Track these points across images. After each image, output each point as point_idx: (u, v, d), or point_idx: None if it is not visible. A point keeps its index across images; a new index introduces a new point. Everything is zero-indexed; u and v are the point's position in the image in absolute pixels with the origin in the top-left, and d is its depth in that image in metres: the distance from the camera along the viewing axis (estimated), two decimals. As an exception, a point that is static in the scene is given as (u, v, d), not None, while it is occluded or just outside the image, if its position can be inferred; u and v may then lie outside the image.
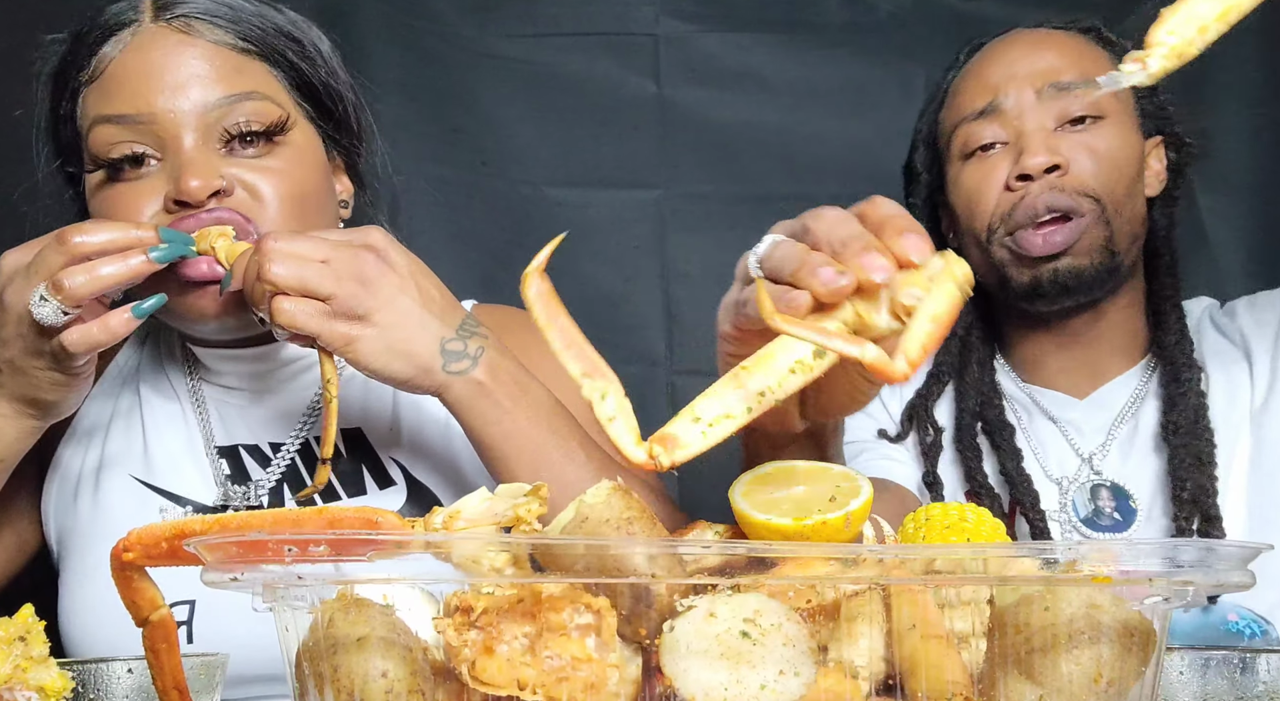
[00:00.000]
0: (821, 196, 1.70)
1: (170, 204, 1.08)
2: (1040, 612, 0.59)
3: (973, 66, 1.41)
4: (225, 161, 1.10)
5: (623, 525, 0.62)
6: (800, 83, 1.88)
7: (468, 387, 1.04)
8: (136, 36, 1.10)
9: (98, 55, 1.11)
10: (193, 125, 1.08)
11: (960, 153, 1.38)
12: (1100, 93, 0.84)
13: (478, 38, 1.86)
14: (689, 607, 0.57)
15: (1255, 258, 1.84)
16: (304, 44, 1.17)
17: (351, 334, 0.99)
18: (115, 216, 1.10)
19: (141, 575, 0.68)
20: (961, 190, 1.38)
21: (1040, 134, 1.32)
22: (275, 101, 1.12)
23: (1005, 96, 1.34)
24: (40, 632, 0.73)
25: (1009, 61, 1.37)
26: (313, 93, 1.17)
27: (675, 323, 1.82)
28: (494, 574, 0.60)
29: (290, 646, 0.62)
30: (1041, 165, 1.30)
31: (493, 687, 0.56)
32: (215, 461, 1.25)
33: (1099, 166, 1.32)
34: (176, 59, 1.09)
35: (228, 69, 1.10)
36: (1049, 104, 1.33)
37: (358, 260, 1.00)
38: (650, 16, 1.88)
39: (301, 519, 0.63)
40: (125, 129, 1.09)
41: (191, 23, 1.11)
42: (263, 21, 1.14)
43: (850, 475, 0.70)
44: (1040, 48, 1.38)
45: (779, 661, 0.56)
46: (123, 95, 1.09)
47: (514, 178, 1.84)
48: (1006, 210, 1.33)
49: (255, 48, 1.13)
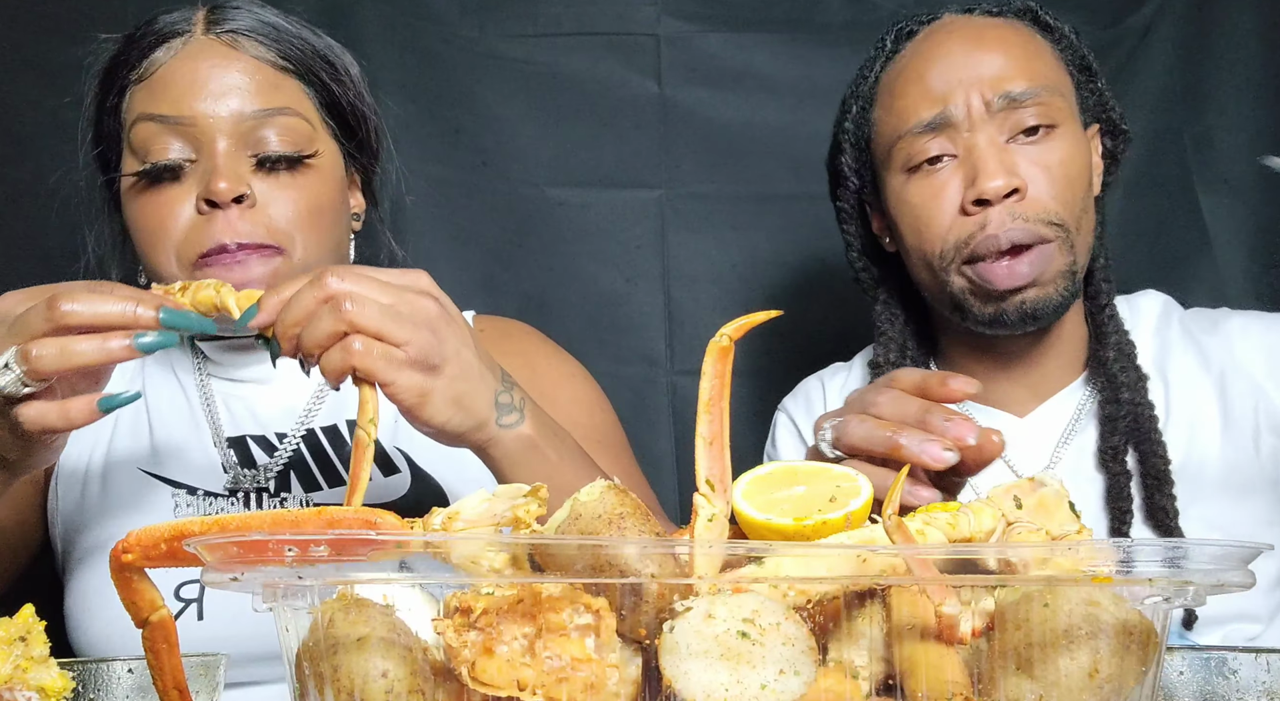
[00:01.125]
0: (823, 196, 1.71)
1: (202, 204, 1.15)
2: (1040, 610, 0.59)
3: (909, 64, 1.30)
4: (253, 173, 1.17)
5: (615, 520, 0.62)
6: (802, 82, 1.88)
7: (519, 442, 1.00)
8: (187, 46, 1.19)
9: (149, 58, 1.19)
10: (227, 131, 1.17)
11: (903, 165, 1.28)
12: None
13: (478, 38, 1.86)
14: (687, 608, 0.57)
15: (1256, 258, 1.83)
16: (336, 67, 1.26)
17: (426, 385, 0.92)
18: (149, 219, 1.17)
19: (141, 576, 0.68)
20: (907, 207, 1.29)
21: (994, 151, 1.23)
22: (305, 118, 1.21)
23: (954, 106, 1.24)
24: (40, 632, 0.74)
25: (952, 63, 1.26)
26: (339, 113, 1.26)
27: (676, 323, 1.82)
28: (493, 574, 0.60)
29: (290, 646, 0.62)
30: (1000, 190, 1.21)
31: (493, 688, 0.56)
32: (224, 451, 1.28)
33: (1057, 186, 1.23)
34: (221, 70, 1.18)
35: (266, 84, 1.19)
36: (1000, 115, 1.24)
37: (423, 306, 0.94)
38: (651, 16, 1.88)
39: (301, 519, 0.64)
40: (166, 128, 1.17)
41: (238, 38, 1.20)
42: (302, 43, 1.23)
43: (850, 475, 0.70)
44: (983, 45, 1.27)
45: (779, 661, 0.56)
46: (168, 98, 1.17)
47: (515, 178, 1.84)
48: (962, 238, 1.23)
49: (292, 67, 1.22)
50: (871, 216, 1.41)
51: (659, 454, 1.78)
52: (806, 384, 1.52)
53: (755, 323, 0.68)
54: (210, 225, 1.14)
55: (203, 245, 1.15)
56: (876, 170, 1.35)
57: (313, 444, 1.29)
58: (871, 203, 1.40)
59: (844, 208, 1.42)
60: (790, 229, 1.84)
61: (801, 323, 1.81)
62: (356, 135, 1.28)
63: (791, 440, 1.46)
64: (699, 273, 1.83)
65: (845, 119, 1.38)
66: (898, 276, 1.40)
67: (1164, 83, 1.87)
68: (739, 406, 1.59)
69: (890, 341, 1.39)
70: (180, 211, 1.16)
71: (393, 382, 0.90)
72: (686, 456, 1.78)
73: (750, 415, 1.72)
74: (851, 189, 1.40)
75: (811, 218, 1.83)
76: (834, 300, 1.82)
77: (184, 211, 1.16)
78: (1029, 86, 1.24)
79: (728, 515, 0.65)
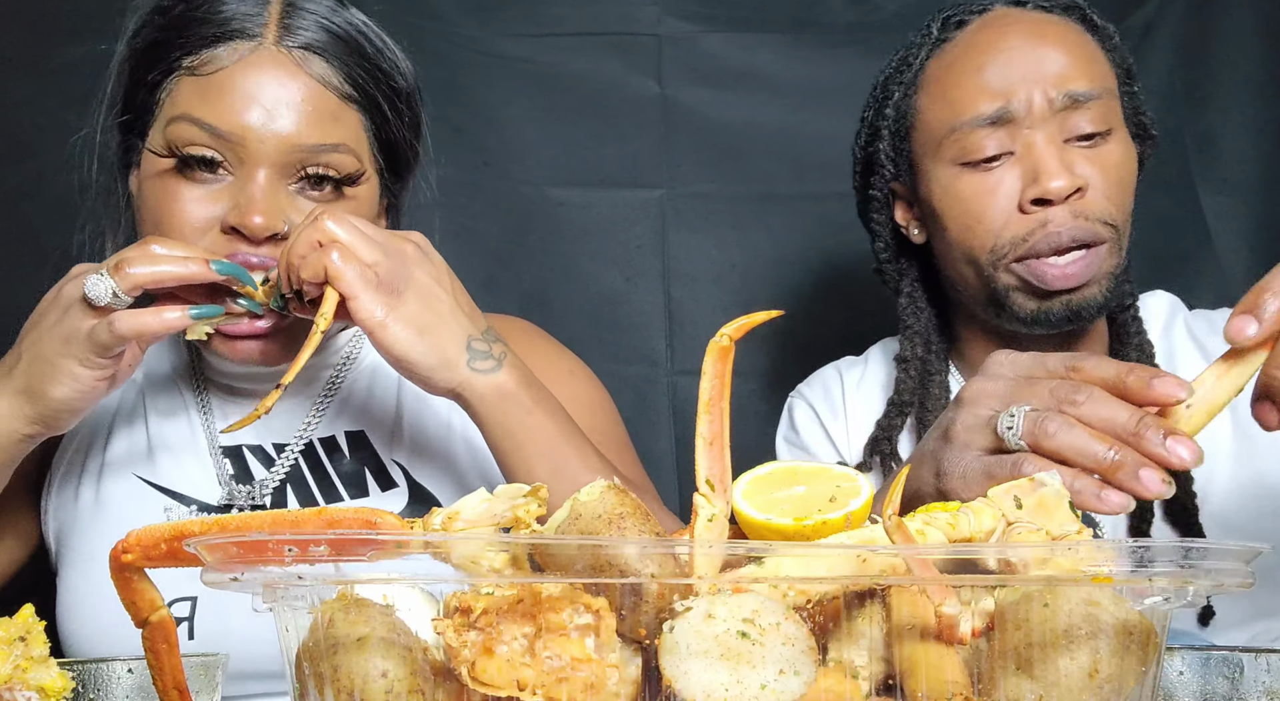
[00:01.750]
0: (824, 196, 1.71)
1: (227, 227, 1.10)
2: (1040, 610, 0.59)
3: (964, 55, 1.28)
4: (290, 201, 1.12)
5: (615, 520, 0.62)
6: (804, 82, 1.88)
7: (492, 387, 1.05)
8: (255, 54, 1.11)
9: (210, 52, 1.11)
10: (274, 159, 1.10)
11: (955, 158, 1.26)
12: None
13: (480, 37, 1.86)
14: (687, 608, 0.57)
15: (1259, 258, 1.83)
16: (398, 91, 1.20)
17: (387, 305, 1.01)
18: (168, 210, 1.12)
19: (141, 576, 0.68)
20: (957, 201, 1.26)
21: (1055, 150, 1.22)
22: (357, 156, 1.15)
23: (1017, 102, 1.22)
24: (40, 632, 0.74)
25: (1014, 58, 1.24)
26: (391, 147, 1.20)
27: (676, 323, 1.82)
28: (493, 574, 0.60)
29: (290, 646, 0.62)
30: (1064, 190, 1.20)
31: (492, 688, 0.56)
32: (219, 461, 1.26)
33: (1112, 188, 1.23)
34: (283, 91, 1.10)
35: (325, 115, 1.12)
36: (1061, 114, 1.22)
37: (400, 244, 1.05)
38: (653, 16, 1.88)
39: (301, 519, 0.63)
40: (211, 137, 1.09)
41: (309, 56, 1.12)
42: (371, 66, 1.17)
43: (850, 475, 0.70)
44: (1045, 40, 1.25)
45: (779, 661, 0.56)
46: (220, 107, 1.09)
47: (516, 177, 1.84)
48: (1020, 235, 1.22)
49: (357, 95, 1.15)
50: (896, 206, 1.38)
51: (659, 454, 1.78)
52: (823, 373, 1.51)
53: (756, 322, 0.68)
54: (231, 244, 1.10)
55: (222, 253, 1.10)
56: (916, 159, 1.33)
57: (311, 457, 1.27)
58: (899, 192, 1.37)
59: (876, 196, 1.38)
60: (791, 228, 1.84)
61: (802, 322, 1.81)
62: (400, 171, 1.24)
63: (814, 426, 1.45)
64: (699, 273, 1.83)
65: (885, 105, 1.35)
66: (922, 268, 1.39)
67: (1164, 82, 1.87)
68: (739, 406, 1.59)
69: (915, 335, 1.38)
70: (201, 212, 1.10)
71: (356, 296, 1.00)
72: (686, 456, 1.78)
73: (751, 415, 1.72)
74: (887, 177, 1.37)
75: (812, 217, 1.83)
76: (835, 300, 1.82)
77: (205, 214, 1.10)
78: (1090, 87, 1.23)
79: (728, 515, 0.65)
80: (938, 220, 1.29)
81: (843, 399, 1.46)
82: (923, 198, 1.32)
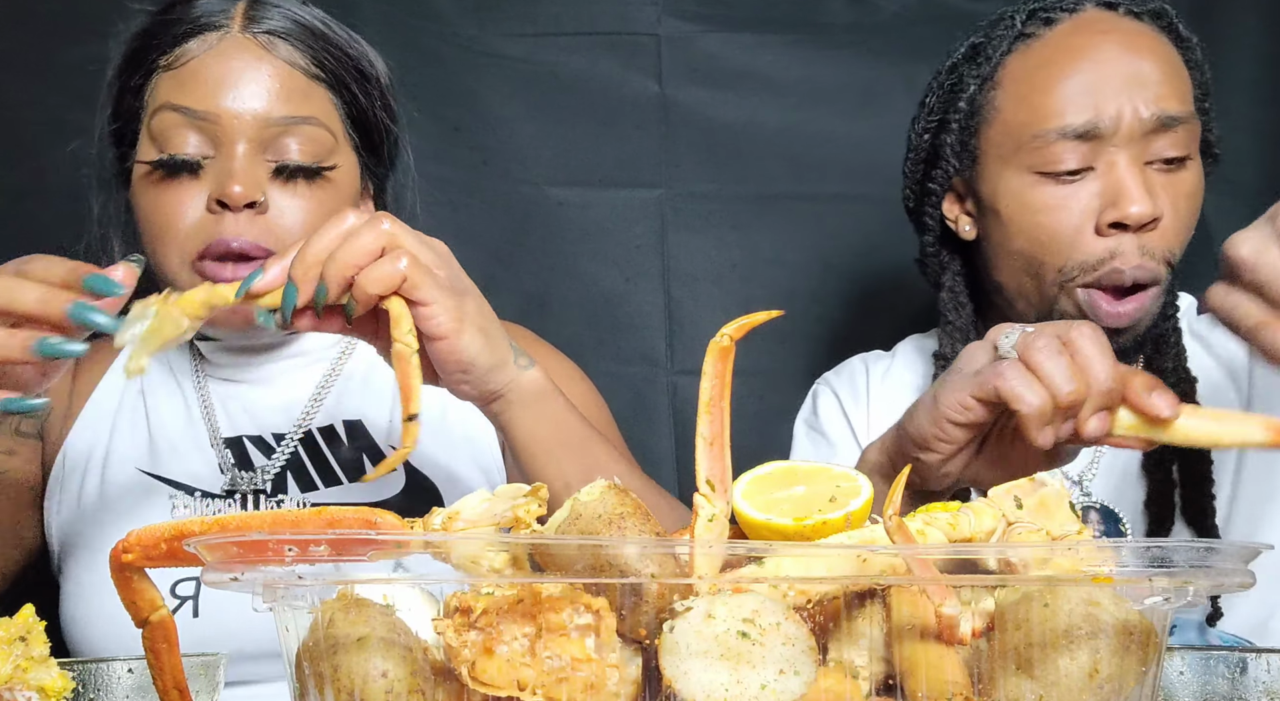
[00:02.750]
0: (825, 196, 1.71)
1: (213, 204, 1.15)
2: (1040, 610, 0.59)
3: (1055, 57, 1.22)
4: (269, 180, 1.17)
5: (615, 520, 0.62)
6: (803, 83, 1.87)
7: (534, 384, 1.00)
8: (222, 42, 1.18)
9: (182, 48, 1.18)
10: (249, 134, 1.16)
11: (1034, 166, 1.21)
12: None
13: (479, 37, 1.85)
14: (687, 608, 0.57)
15: (1257, 257, 1.83)
16: (368, 77, 1.26)
17: (458, 309, 0.92)
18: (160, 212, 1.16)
19: (141, 576, 0.68)
20: (1029, 211, 1.22)
21: (1138, 173, 1.18)
22: (329, 129, 1.20)
23: (1107, 117, 1.18)
24: (40, 632, 0.74)
25: (1106, 69, 1.19)
26: (364, 125, 1.25)
27: (676, 323, 1.82)
28: (493, 574, 0.60)
29: (290, 646, 0.62)
30: (1144, 217, 1.16)
31: (493, 688, 0.56)
32: (221, 451, 1.28)
33: (1182, 221, 1.20)
34: (252, 72, 1.17)
35: (294, 91, 1.18)
36: (1150, 136, 1.18)
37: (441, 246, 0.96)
38: (652, 16, 1.88)
39: (301, 519, 0.64)
40: (188, 121, 1.16)
41: (274, 40, 1.19)
42: (337, 51, 1.23)
43: (851, 475, 0.70)
44: (1138, 53, 1.20)
45: (779, 661, 0.56)
46: (195, 91, 1.16)
47: (515, 177, 1.83)
48: (1090, 261, 1.19)
49: (324, 75, 1.21)
50: (945, 199, 1.33)
51: (659, 454, 1.77)
52: (850, 363, 1.49)
53: (756, 322, 0.68)
54: (218, 224, 1.14)
55: (206, 240, 1.14)
56: (983, 157, 1.27)
57: (310, 446, 1.29)
58: (955, 186, 1.32)
59: (935, 189, 1.32)
60: (791, 229, 1.83)
61: (802, 323, 1.81)
62: (377, 149, 1.28)
63: (835, 412, 1.44)
64: (699, 273, 1.83)
65: (958, 96, 1.28)
66: (965, 265, 1.36)
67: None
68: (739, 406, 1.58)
69: (956, 331, 1.34)
70: (190, 208, 1.15)
71: (435, 301, 0.90)
72: (686, 456, 1.78)
73: (750, 415, 1.72)
74: (950, 171, 1.30)
75: (813, 218, 1.83)
76: (835, 300, 1.82)
77: (194, 208, 1.15)
78: (1181, 109, 1.20)
79: (728, 515, 0.65)
80: (1003, 226, 1.25)
81: (867, 389, 1.44)
82: (985, 197, 1.27)
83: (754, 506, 0.69)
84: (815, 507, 0.67)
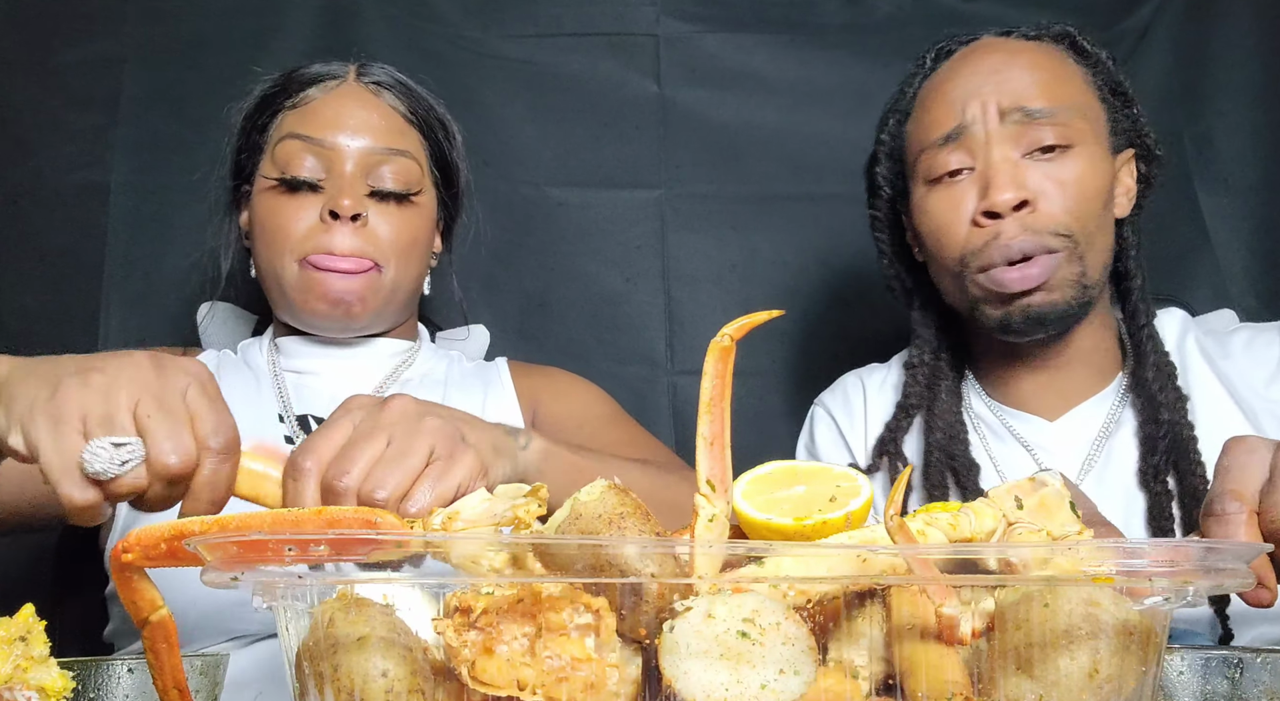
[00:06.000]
0: (822, 196, 1.71)
1: (326, 214, 1.36)
2: (1040, 610, 0.59)
3: (939, 80, 1.35)
4: (368, 199, 1.38)
5: (615, 520, 0.62)
6: (801, 83, 1.88)
7: (539, 453, 1.06)
8: (339, 87, 1.43)
9: (304, 93, 1.43)
10: (355, 160, 1.39)
11: (925, 176, 1.32)
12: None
13: (479, 38, 1.86)
14: (687, 608, 0.57)
15: (1257, 257, 1.83)
16: (449, 130, 1.50)
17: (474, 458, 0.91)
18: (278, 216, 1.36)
19: (141, 576, 0.68)
20: (928, 218, 1.32)
21: (1006, 166, 1.26)
22: (418, 163, 1.44)
23: (971, 121, 1.28)
24: (40, 632, 0.73)
25: (976, 79, 1.30)
26: (444, 166, 1.49)
27: (676, 323, 1.82)
28: (493, 574, 0.60)
29: (290, 646, 0.62)
30: (1009, 203, 1.24)
31: (493, 688, 0.56)
32: (293, 428, 1.40)
33: (1069, 201, 1.26)
34: (362, 111, 1.42)
35: (393, 129, 1.43)
36: (1016, 130, 1.27)
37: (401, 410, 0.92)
38: (651, 17, 1.88)
39: (301, 519, 0.64)
40: (307, 147, 1.38)
41: (380, 89, 1.45)
42: (427, 106, 1.48)
43: (851, 475, 0.70)
44: (1009, 63, 1.31)
45: (779, 660, 0.56)
46: (315, 122, 1.40)
47: (515, 178, 1.84)
48: (976, 247, 1.27)
49: (416, 121, 1.46)
50: (906, 226, 1.43)
51: (659, 454, 1.77)
52: (845, 380, 1.54)
53: (756, 322, 0.68)
54: (327, 233, 1.35)
55: (315, 248, 1.34)
56: (907, 181, 1.39)
57: None
58: (905, 212, 1.42)
59: (877, 216, 1.45)
60: (790, 229, 1.84)
61: (802, 322, 1.81)
62: (452, 188, 1.50)
63: (831, 436, 1.49)
64: (699, 273, 1.83)
65: (883, 131, 1.42)
66: (929, 284, 1.42)
67: (1163, 83, 1.87)
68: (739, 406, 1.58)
69: (925, 344, 1.43)
70: (304, 217, 1.36)
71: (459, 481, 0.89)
72: (687, 456, 1.78)
73: (751, 415, 1.72)
74: (885, 198, 1.43)
75: (811, 218, 1.83)
76: (835, 300, 1.82)
77: (307, 218, 1.36)
78: (1047, 106, 1.27)
79: (728, 515, 0.65)
80: (921, 238, 1.36)
81: (863, 405, 1.48)
82: (913, 218, 1.37)
83: (754, 506, 0.69)
84: (815, 507, 0.67)
